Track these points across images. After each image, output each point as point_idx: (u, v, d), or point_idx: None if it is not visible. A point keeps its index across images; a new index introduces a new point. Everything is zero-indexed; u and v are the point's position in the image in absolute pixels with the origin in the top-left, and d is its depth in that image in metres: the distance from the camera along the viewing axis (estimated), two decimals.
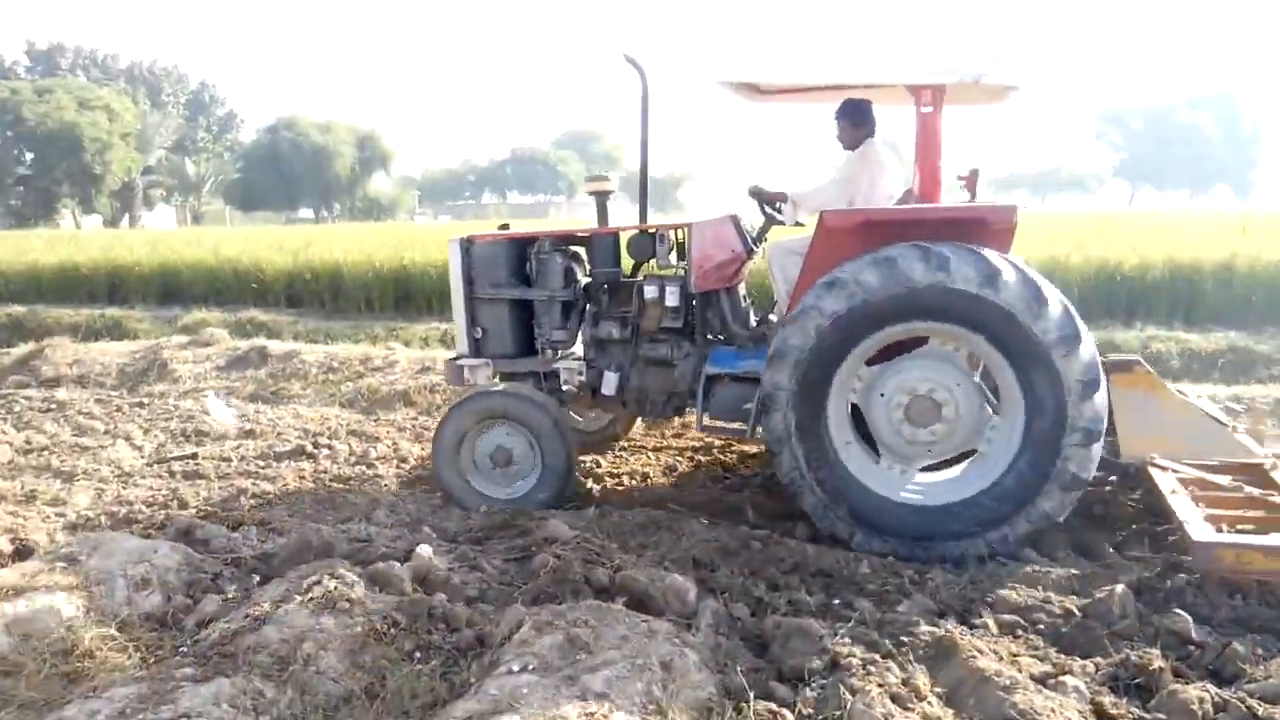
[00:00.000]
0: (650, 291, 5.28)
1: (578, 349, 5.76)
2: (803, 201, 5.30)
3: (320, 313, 12.97)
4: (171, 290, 14.48)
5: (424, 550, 4.21)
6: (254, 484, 6.01)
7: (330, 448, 6.83)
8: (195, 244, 16.20)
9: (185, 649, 3.55)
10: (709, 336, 5.47)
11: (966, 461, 4.67)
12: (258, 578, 4.33)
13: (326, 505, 5.53)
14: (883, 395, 4.53)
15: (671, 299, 5.25)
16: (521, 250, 5.66)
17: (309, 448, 6.78)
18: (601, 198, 5.64)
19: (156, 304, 14.22)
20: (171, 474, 6.32)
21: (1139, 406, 4.59)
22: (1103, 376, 4.22)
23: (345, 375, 8.76)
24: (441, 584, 4.05)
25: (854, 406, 4.66)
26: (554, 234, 5.70)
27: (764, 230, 5.54)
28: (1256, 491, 4.17)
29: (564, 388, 5.56)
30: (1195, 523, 3.78)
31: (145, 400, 8.53)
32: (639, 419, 6.69)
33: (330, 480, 6.16)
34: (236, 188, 66.33)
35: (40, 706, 3.21)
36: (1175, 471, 4.39)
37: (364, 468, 6.41)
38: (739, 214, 5.42)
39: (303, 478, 6.19)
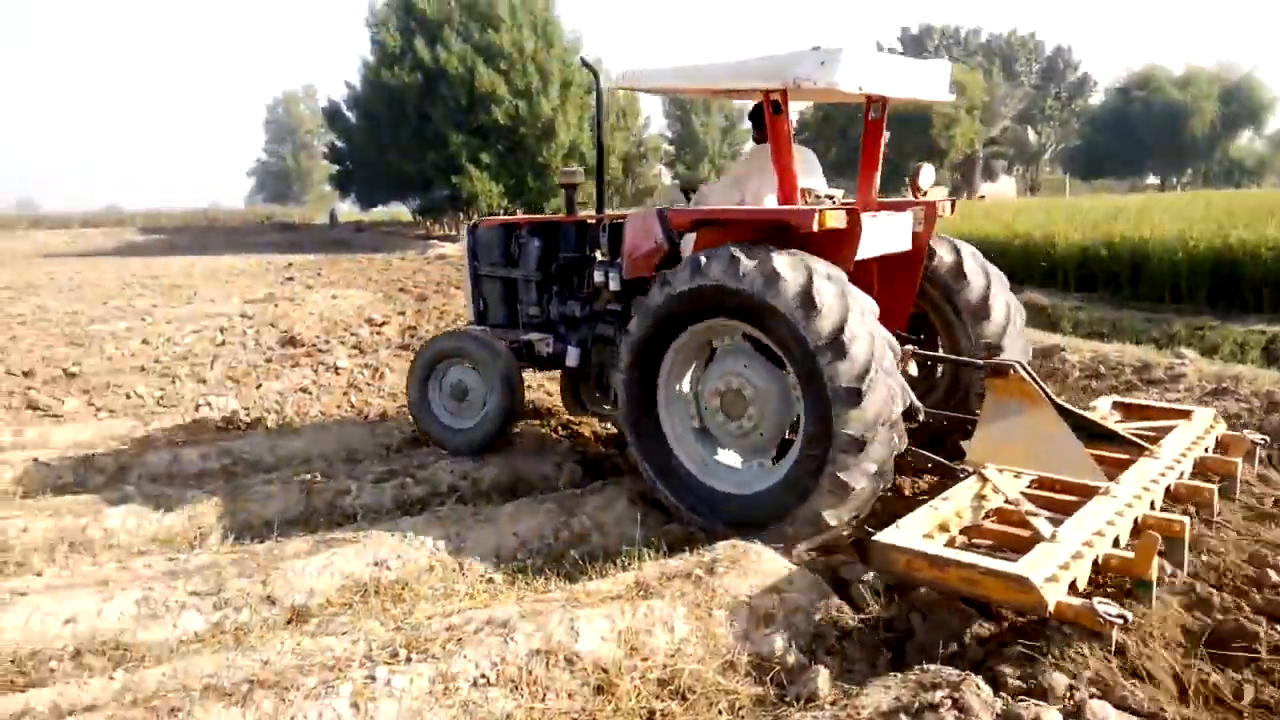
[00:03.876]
0: (598, 275, 5.55)
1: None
2: (703, 197, 5.56)
3: (1114, 299, 11.05)
4: None
5: (1104, 712, 2.75)
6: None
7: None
8: (991, 218, 15.53)
9: None
10: None
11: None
12: (888, 654, 3.44)
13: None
14: (705, 389, 4.70)
15: (614, 283, 5.45)
16: (510, 235, 6.35)
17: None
18: (570, 190, 6.26)
19: None
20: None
21: (1001, 413, 4.41)
22: (874, 386, 4.03)
23: (1112, 383, 7.08)
24: None
25: None
26: (534, 221, 6.45)
27: None
28: (1031, 510, 3.92)
29: (536, 356, 6.05)
30: (901, 526, 3.66)
31: None
32: None
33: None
34: (1079, 155, 64.12)
35: None
36: (991, 481, 4.20)
37: None
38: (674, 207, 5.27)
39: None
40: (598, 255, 5.73)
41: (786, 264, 4.17)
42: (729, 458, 4.73)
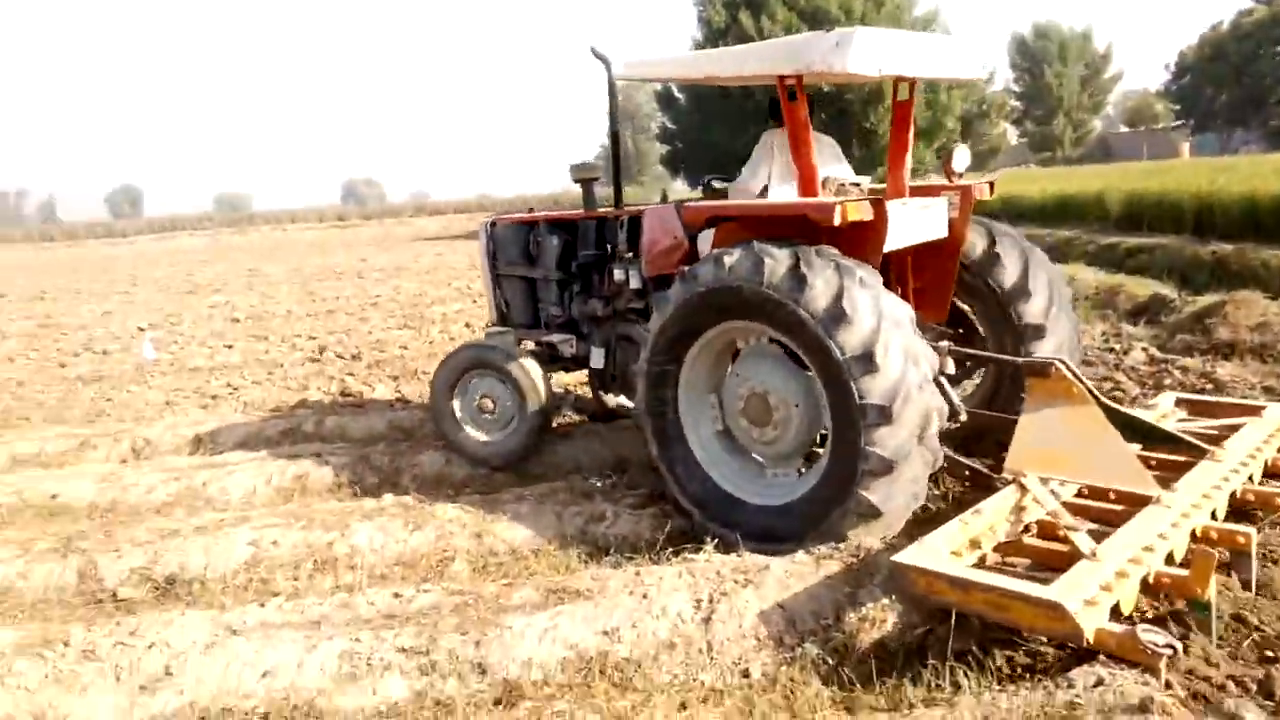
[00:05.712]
0: (618, 274, 5.40)
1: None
2: (731, 190, 5.27)
3: None
4: None
5: None
6: None
7: None
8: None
9: None
10: None
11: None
12: None
13: None
14: (729, 393, 4.47)
15: (634, 282, 5.32)
16: (528, 233, 6.07)
17: None
18: (587, 184, 5.76)
19: None
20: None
21: (1042, 415, 3.99)
22: (907, 403, 3.76)
23: None
24: None
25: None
26: (551, 218, 6.06)
27: None
28: (1070, 524, 3.55)
29: (560, 357, 5.85)
30: (925, 544, 3.37)
31: None
32: None
33: None
34: None
35: None
36: (1030, 492, 3.83)
37: None
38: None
39: None
40: (618, 252, 5.45)
41: (816, 264, 3.90)
42: (753, 465, 4.52)
